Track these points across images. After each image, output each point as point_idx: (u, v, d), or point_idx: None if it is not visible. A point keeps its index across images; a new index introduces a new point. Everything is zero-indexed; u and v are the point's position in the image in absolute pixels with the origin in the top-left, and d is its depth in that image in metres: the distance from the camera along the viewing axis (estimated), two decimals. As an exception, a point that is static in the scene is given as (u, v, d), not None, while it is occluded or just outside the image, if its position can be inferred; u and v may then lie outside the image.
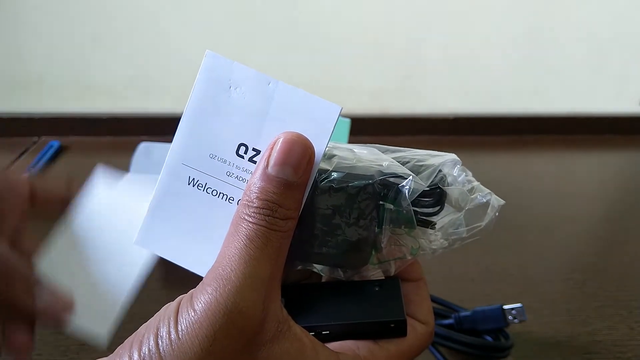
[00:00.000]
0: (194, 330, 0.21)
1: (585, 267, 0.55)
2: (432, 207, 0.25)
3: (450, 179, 0.26)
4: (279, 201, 0.23)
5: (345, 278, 0.27)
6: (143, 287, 0.51)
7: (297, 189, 0.23)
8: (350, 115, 0.56)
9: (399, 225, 0.25)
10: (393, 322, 0.25)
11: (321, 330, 0.25)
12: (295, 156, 0.23)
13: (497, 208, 0.26)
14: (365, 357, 0.25)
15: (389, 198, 0.25)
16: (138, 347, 0.22)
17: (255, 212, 0.23)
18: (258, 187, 0.23)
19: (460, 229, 0.26)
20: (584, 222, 0.66)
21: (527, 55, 0.92)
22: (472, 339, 0.41)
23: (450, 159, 0.26)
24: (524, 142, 0.91)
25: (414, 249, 0.26)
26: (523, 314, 0.42)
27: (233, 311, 0.21)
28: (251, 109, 0.25)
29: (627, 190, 0.77)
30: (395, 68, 0.92)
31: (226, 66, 0.25)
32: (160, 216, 0.26)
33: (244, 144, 0.25)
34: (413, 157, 0.26)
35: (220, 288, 0.21)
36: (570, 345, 0.44)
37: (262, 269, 0.22)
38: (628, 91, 0.95)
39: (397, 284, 0.27)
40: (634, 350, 0.43)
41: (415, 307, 0.28)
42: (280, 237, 0.23)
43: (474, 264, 0.55)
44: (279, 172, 0.23)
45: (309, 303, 0.26)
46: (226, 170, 0.25)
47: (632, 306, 0.49)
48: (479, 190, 0.26)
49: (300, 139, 0.23)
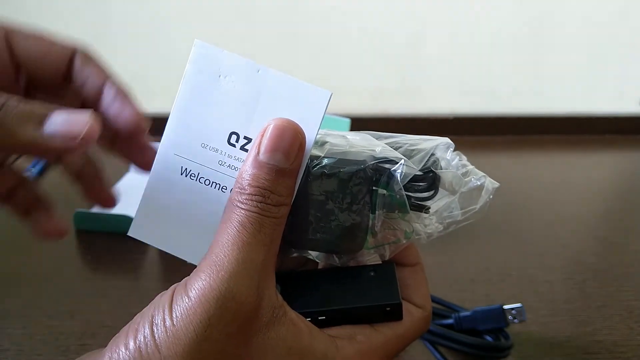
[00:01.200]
0: (188, 316, 0.21)
1: (585, 267, 0.55)
2: (426, 192, 0.25)
3: (444, 162, 0.26)
4: (270, 187, 0.23)
5: (341, 264, 0.27)
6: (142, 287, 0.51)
7: (289, 176, 0.23)
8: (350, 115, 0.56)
9: (392, 210, 0.25)
10: (388, 305, 0.25)
11: (317, 316, 0.25)
12: (286, 142, 0.23)
13: (492, 191, 0.26)
14: (361, 341, 0.25)
15: (381, 183, 0.25)
16: (134, 335, 0.22)
17: (247, 199, 0.23)
18: (250, 174, 0.23)
19: (455, 212, 0.26)
20: (584, 222, 0.66)
21: (527, 55, 0.92)
22: (472, 339, 0.41)
23: (444, 142, 0.26)
24: (524, 142, 0.91)
25: (407, 232, 0.26)
26: (523, 314, 0.42)
27: (227, 297, 0.21)
28: (241, 97, 0.25)
29: (627, 190, 0.77)
30: (395, 68, 0.92)
31: (215, 55, 0.25)
32: (153, 207, 0.26)
33: (235, 132, 0.25)
34: (406, 142, 0.26)
35: (214, 274, 0.22)
36: (570, 345, 0.44)
37: (255, 255, 0.22)
38: (628, 91, 0.95)
39: (392, 268, 0.27)
40: (634, 350, 0.43)
41: (412, 291, 0.28)
42: (273, 224, 0.23)
43: (474, 264, 0.55)
44: (270, 159, 0.23)
45: (305, 289, 0.26)
46: (218, 159, 0.25)
47: (632, 306, 0.49)
48: (473, 174, 0.26)
49: (291, 125, 0.23)
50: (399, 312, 0.26)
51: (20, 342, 0.43)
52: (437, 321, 0.44)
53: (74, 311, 0.47)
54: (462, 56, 0.91)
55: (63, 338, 0.43)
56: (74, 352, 0.42)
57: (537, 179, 0.78)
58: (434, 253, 0.55)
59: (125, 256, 0.54)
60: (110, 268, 0.53)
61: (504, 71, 0.93)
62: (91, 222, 0.58)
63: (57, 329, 0.44)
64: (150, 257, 0.54)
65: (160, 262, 0.54)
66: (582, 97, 0.95)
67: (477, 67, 0.92)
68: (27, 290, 0.49)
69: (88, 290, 0.50)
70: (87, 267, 0.54)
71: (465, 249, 0.57)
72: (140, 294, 0.49)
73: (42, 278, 0.51)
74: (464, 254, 0.56)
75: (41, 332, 0.44)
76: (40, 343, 0.43)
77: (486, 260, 0.55)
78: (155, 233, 0.26)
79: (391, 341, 0.26)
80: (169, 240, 0.25)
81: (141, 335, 0.21)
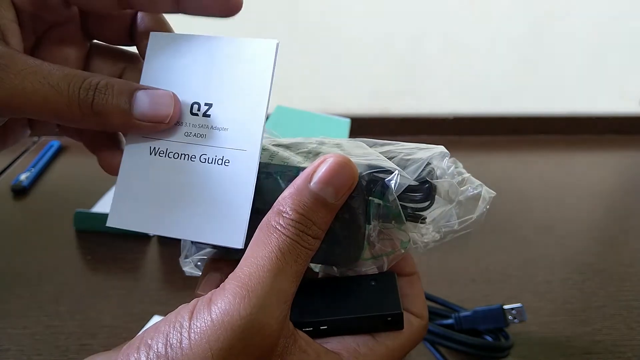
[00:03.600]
0: (208, 341, 0.20)
1: (585, 267, 0.55)
2: (422, 202, 0.25)
3: (440, 171, 0.25)
4: (313, 218, 0.22)
5: (340, 274, 0.27)
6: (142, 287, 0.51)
7: (331, 211, 0.23)
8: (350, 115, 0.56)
9: (388, 220, 0.25)
10: (390, 315, 0.25)
11: (319, 326, 0.25)
12: (341, 179, 0.23)
13: (489, 200, 0.26)
14: (365, 354, 0.25)
15: (375, 193, 0.25)
16: (146, 351, 0.21)
17: (289, 224, 0.22)
18: (295, 199, 0.22)
19: (451, 222, 0.26)
20: (584, 222, 0.66)
21: (527, 55, 0.92)
22: (472, 339, 0.41)
23: (439, 152, 0.26)
24: (524, 142, 0.91)
25: (404, 242, 0.26)
26: (523, 314, 0.42)
27: (255, 327, 0.20)
28: (197, 69, 0.26)
29: (627, 190, 0.77)
30: (395, 68, 0.92)
31: (169, 39, 0.27)
32: (127, 193, 0.26)
33: (196, 102, 0.26)
34: (401, 151, 0.26)
35: (245, 299, 0.20)
36: (570, 345, 0.44)
37: (288, 285, 0.22)
38: (628, 91, 0.95)
39: (393, 278, 0.27)
40: (634, 350, 0.43)
41: (410, 301, 0.28)
42: (307, 256, 0.23)
43: (474, 264, 0.55)
44: (320, 190, 0.22)
45: (306, 299, 0.26)
46: (184, 131, 0.26)
47: (632, 306, 0.49)
48: (470, 182, 0.26)
49: (350, 164, 0.23)
50: (400, 322, 0.26)
51: (21, 342, 0.43)
52: (437, 321, 0.44)
53: (74, 311, 0.47)
54: (462, 56, 0.91)
55: (63, 338, 0.44)
56: (74, 352, 0.42)
57: (537, 179, 0.78)
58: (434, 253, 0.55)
59: (125, 256, 0.54)
60: (110, 268, 0.53)
61: (504, 71, 0.92)
62: (91, 222, 0.58)
63: (57, 329, 0.44)
64: (150, 257, 0.54)
65: (160, 262, 0.54)
66: (582, 97, 0.95)
67: (477, 67, 0.92)
68: (27, 290, 0.49)
69: (88, 290, 0.50)
70: (87, 267, 0.54)
71: (466, 249, 0.57)
72: (140, 294, 0.49)
73: (42, 278, 0.51)
74: (464, 254, 0.56)
75: (41, 332, 0.44)
76: (40, 343, 0.43)
77: (486, 260, 0.56)
78: (134, 218, 0.26)
79: (393, 351, 0.26)
80: (148, 221, 0.26)
81: (154, 354, 0.20)
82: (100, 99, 0.23)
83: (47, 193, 0.68)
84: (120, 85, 0.24)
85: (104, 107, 0.23)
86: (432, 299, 0.46)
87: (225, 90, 0.25)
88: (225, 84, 0.26)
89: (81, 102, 0.23)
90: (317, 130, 0.52)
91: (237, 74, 0.25)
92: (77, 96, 0.23)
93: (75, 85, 0.23)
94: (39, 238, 0.58)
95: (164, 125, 0.25)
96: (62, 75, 0.23)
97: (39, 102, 0.23)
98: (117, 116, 0.24)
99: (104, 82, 0.24)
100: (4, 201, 0.65)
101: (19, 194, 0.67)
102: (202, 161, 0.25)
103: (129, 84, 0.24)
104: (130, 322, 0.45)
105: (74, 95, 0.23)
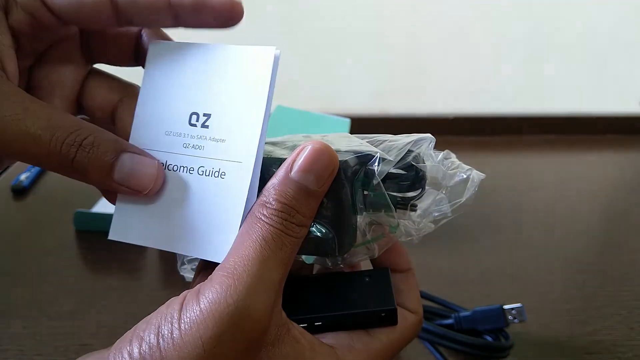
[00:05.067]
0: (198, 330, 0.20)
1: (585, 267, 0.55)
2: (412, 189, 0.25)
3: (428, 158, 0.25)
4: (296, 206, 0.23)
5: (332, 265, 0.27)
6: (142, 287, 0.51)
7: (315, 198, 0.23)
8: (350, 115, 0.56)
9: (376, 207, 0.25)
10: (384, 311, 0.26)
11: (314, 322, 0.25)
12: (320, 165, 0.23)
13: (477, 182, 0.26)
14: (360, 349, 0.25)
15: (359, 178, 0.24)
16: (138, 343, 0.21)
17: (272, 214, 0.22)
18: (278, 189, 0.23)
19: (443, 207, 0.26)
20: (584, 222, 0.66)
21: (527, 55, 0.92)
22: (472, 339, 0.41)
23: (426, 138, 0.26)
24: (524, 142, 0.91)
25: (392, 227, 0.26)
26: (523, 314, 0.42)
27: (242, 314, 0.21)
28: (195, 78, 0.26)
29: (627, 190, 0.77)
30: (395, 68, 0.92)
31: (169, 48, 0.26)
32: (128, 205, 0.26)
33: (194, 112, 0.25)
34: (386, 139, 0.26)
35: (231, 287, 0.21)
36: (570, 345, 0.44)
37: (274, 273, 0.22)
38: (628, 91, 0.95)
39: (387, 274, 0.27)
40: (634, 350, 0.43)
41: (404, 296, 0.28)
42: (293, 243, 0.23)
43: (474, 264, 0.55)
44: (301, 178, 0.23)
45: (302, 295, 0.26)
46: (182, 143, 0.25)
47: (632, 306, 0.49)
48: (460, 168, 0.26)
49: (328, 150, 0.23)
50: (394, 318, 0.26)
51: (21, 342, 0.43)
52: (437, 321, 0.44)
53: (74, 311, 0.47)
54: (462, 56, 0.91)
55: (63, 338, 0.44)
56: (74, 352, 0.42)
57: (537, 179, 0.78)
58: (434, 253, 0.55)
59: (125, 256, 0.54)
60: (110, 268, 0.53)
61: (504, 71, 0.92)
62: (91, 222, 0.58)
63: (57, 329, 0.44)
64: (150, 257, 0.54)
65: (160, 262, 0.54)
66: (582, 97, 0.95)
67: (477, 67, 0.92)
68: (27, 290, 0.49)
69: (88, 290, 0.50)
70: (87, 267, 0.54)
71: (465, 249, 0.57)
72: (140, 294, 0.49)
73: (42, 278, 0.51)
74: (464, 254, 0.56)
75: (41, 332, 0.44)
76: (40, 343, 0.43)
77: (486, 260, 0.55)
78: (135, 231, 0.26)
79: (387, 347, 0.26)
80: (147, 235, 0.25)
81: (146, 345, 0.21)
82: (82, 157, 0.22)
83: (47, 193, 0.68)
84: (106, 145, 0.23)
85: (85, 166, 0.23)
86: (432, 299, 0.46)
87: (223, 100, 0.25)
88: (223, 94, 0.25)
89: (62, 157, 0.22)
90: (317, 130, 0.52)
91: (235, 83, 0.25)
92: (59, 151, 0.22)
93: (58, 140, 0.22)
94: (39, 238, 0.58)
95: (142, 195, 0.24)
96: (46, 125, 0.22)
97: (17, 150, 0.22)
98: (96, 175, 0.23)
99: (91, 140, 0.23)
100: (4, 201, 0.65)
101: (19, 194, 0.67)
102: (199, 174, 0.25)
103: (116, 144, 0.24)
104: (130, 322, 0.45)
105: (55, 150, 0.22)
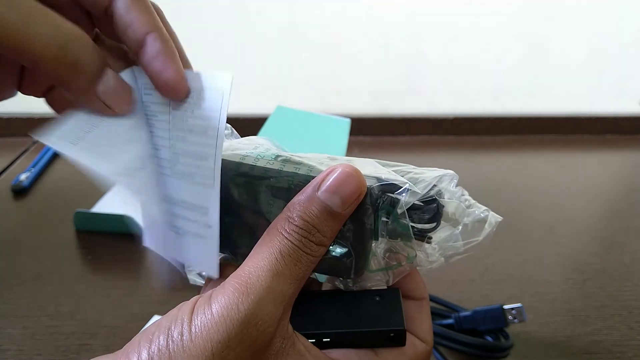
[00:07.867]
0: (209, 333, 0.21)
1: (585, 267, 0.55)
2: (430, 222, 0.25)
3: (447, 194, 0.26)
4: (318, 225, 0.23)
5: (344, 287, 0.27)
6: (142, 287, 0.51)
7: (338, 220, 0.24)
8: (350, 115, 0.56)
9: (395, 236, 0.25)
10: (393, 331, 0.25)
11: (322, 338, 0.25)
12: (347, 189, 0.23)
13: (495, 224, 0.26)
14: None
15: (384, 205, 0.25)
16: (147, 345, 0.21)
17: (293, 230, 0.23)
18: (302, 206, 0.23)
19: (457, 243, 0.26)
20: (584, 222, 0.66)
21: (527, 55, 0.92)
22: (472, 339, 0.41)
23: (448, 174, 0.26)
24: (524, 142, 0.91)
25: (410, 257, 0.26)
26: (523, 314, 0.42)
27: (251, 322, 0.21)
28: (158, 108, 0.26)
29: (627, 190, 0.77)
30: (395, 68, 0.92)
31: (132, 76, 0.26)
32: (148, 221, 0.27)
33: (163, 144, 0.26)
34: (411, 171, 0.26)
35: (244, 295, 0.21)
36: (570, 345, 0.44)
37: (286, 287, 0.22)
38: (628, 91, 0.95)
39: (398, 295, 0.27)
40: (634, 350, 0.43)
41: (417, 325, 0.28)
42: (309, 261, 0.23)
43: (474, 264, 0.55)
44: (327, 199, 0.23)
45: (311, 310, 0.26)
46: None
47: (632, 306, 0.49)
48: (476, 207, 0.26)
49: (358, 174, 0.23)
50: (402, 339, 0.26)
51: (21, 342, 0.43)
52: (437, 321, 0.44)
53: (74, 311, 0.47)
54: (462, 56, 0.91)
55: (63, 338, 0.44)
56: (74, 352, 0.42)
57: (537, 179, 0.78)
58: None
59: (125, 256, 0.54)
60: (110, 268, 0.53)
61: (504, 71, 0.92)
62: (91, 222, 0.58)
63: (57, 329, 0.44)
64: (150, 257, 0.54)
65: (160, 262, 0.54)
66: (582, 97, 0.95)
67: (477, 67, 0.92)
68: (27, 290, 0.49)
69: (88, 290, 0.50)
70: (87, 267, 0.54)
71: (465, 249, 0.57)
72: (140, 294, 0.49)
73: (42, 278, 0.51)
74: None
75: (41, 332, 0.44)
76: (40, 343, 0.43)
77: (486, 261, 0.56)
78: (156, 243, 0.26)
79: None
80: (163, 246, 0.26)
81: (155, 347, 0.21)
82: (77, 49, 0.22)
83: (47, 193, 0.68)
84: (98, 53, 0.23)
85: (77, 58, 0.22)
86: (432, 299, 0.46)
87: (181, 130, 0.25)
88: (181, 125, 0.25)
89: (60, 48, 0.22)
90: (317, 130, 0.52)
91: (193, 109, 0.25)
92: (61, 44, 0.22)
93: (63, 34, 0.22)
94: (39, 238, 0.58)
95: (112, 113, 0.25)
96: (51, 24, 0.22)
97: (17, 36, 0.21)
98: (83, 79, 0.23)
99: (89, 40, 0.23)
100: (4, 201, 0.65)
101: (19, 194, 0.67)
102: None
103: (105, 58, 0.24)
104: (130, 322, 0.45)
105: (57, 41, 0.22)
